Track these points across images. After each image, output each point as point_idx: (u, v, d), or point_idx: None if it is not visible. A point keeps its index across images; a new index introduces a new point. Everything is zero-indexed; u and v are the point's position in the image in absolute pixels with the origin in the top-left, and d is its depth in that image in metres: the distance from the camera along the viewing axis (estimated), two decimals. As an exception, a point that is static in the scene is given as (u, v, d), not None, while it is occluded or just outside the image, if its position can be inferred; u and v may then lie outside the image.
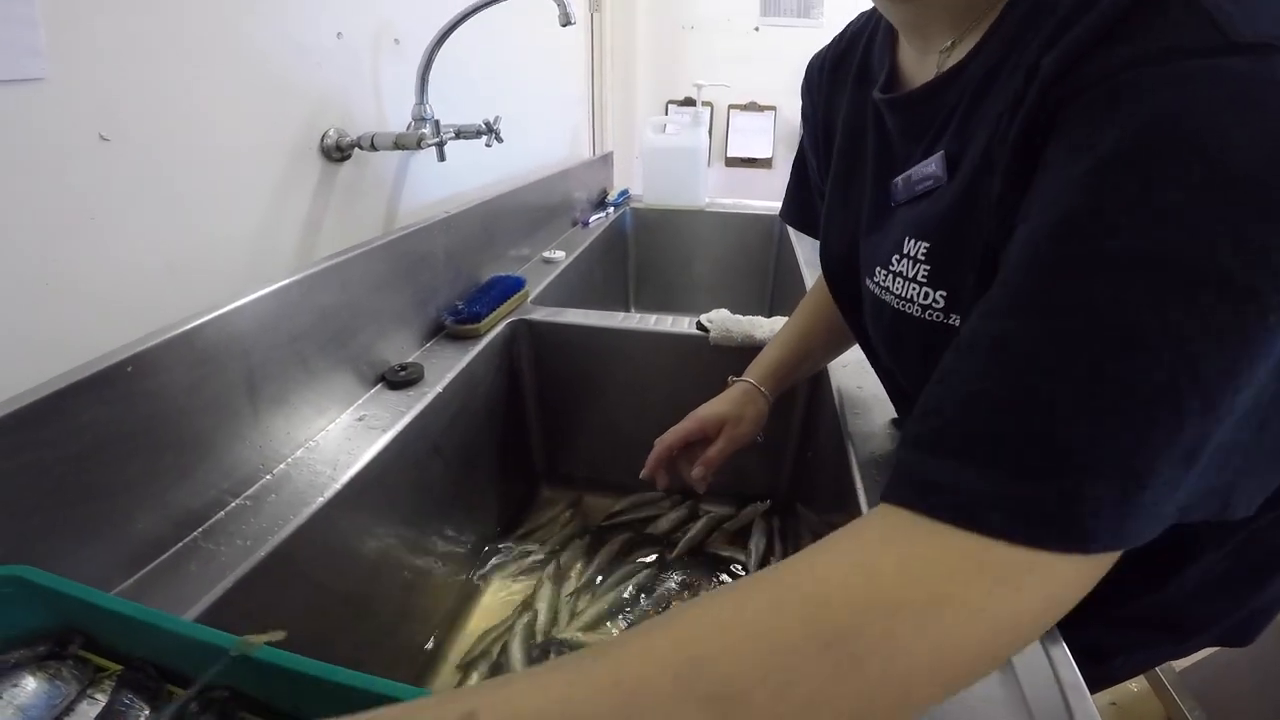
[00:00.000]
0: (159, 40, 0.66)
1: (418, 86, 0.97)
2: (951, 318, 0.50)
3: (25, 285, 0.56)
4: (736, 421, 0.83)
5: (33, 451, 0.50)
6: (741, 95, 3.43)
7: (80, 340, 0.59)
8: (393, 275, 0.94)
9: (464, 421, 0.98)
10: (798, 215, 0.85)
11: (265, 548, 0.62)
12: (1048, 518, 0.30)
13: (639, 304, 2.15)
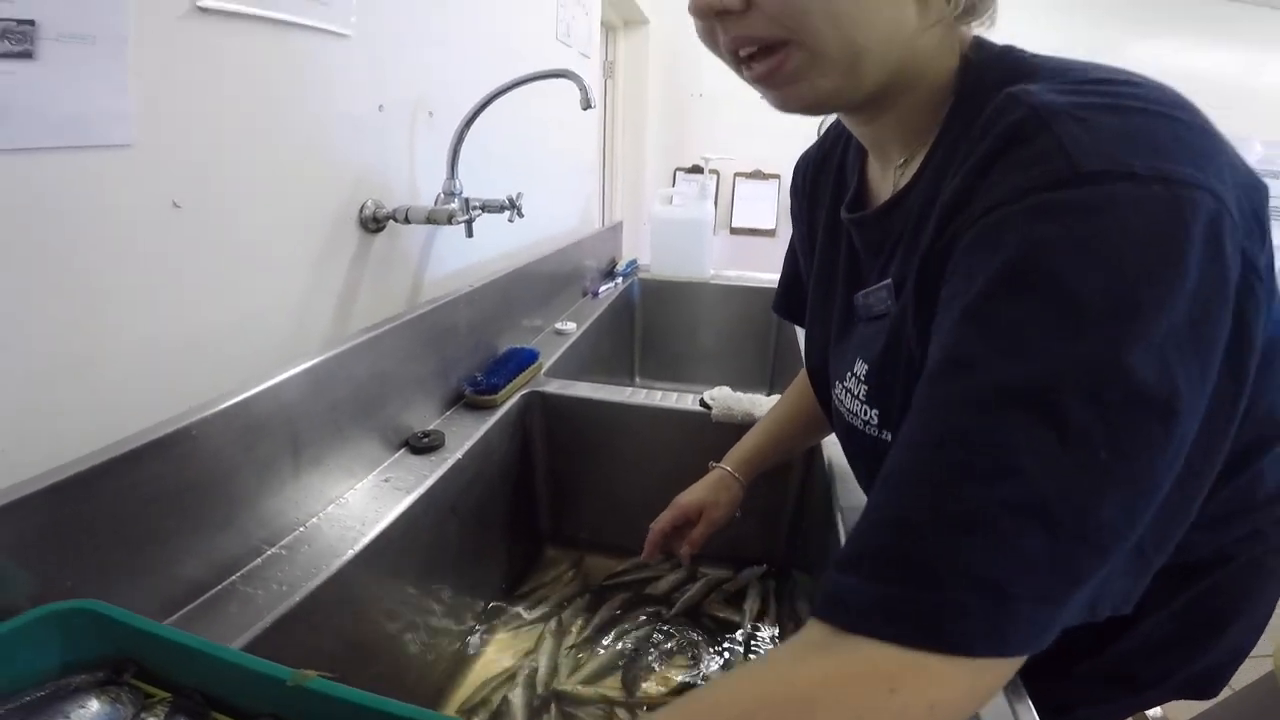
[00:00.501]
0: (231, 111, 0.73)
1: (449, 162, 1.05)
2: (884, 434, 0.56)
3: (91, 342, 0.61)
4: (714, 506, 0.94)
5: (100, 502, 0.56)
6: (747, 163, 3.57)
7: (136, 397, 0.65)
8: (419, 347, 1.02)
9: (479, 485, 1.05)
10: (789, 309, 0.92)
11: (300, 593, 0.69)
12: (924, 624, 0.34)
13: (644, 372, 2.23)
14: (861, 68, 0.50)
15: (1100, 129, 0.38)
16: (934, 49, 0.53)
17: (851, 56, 0.49)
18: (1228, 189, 0.37)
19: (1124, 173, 0.36)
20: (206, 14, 0.68)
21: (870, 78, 0.51)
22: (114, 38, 0.61)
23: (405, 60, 1.04)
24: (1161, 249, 0.35)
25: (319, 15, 0.84)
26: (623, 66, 3.25)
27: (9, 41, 0.54)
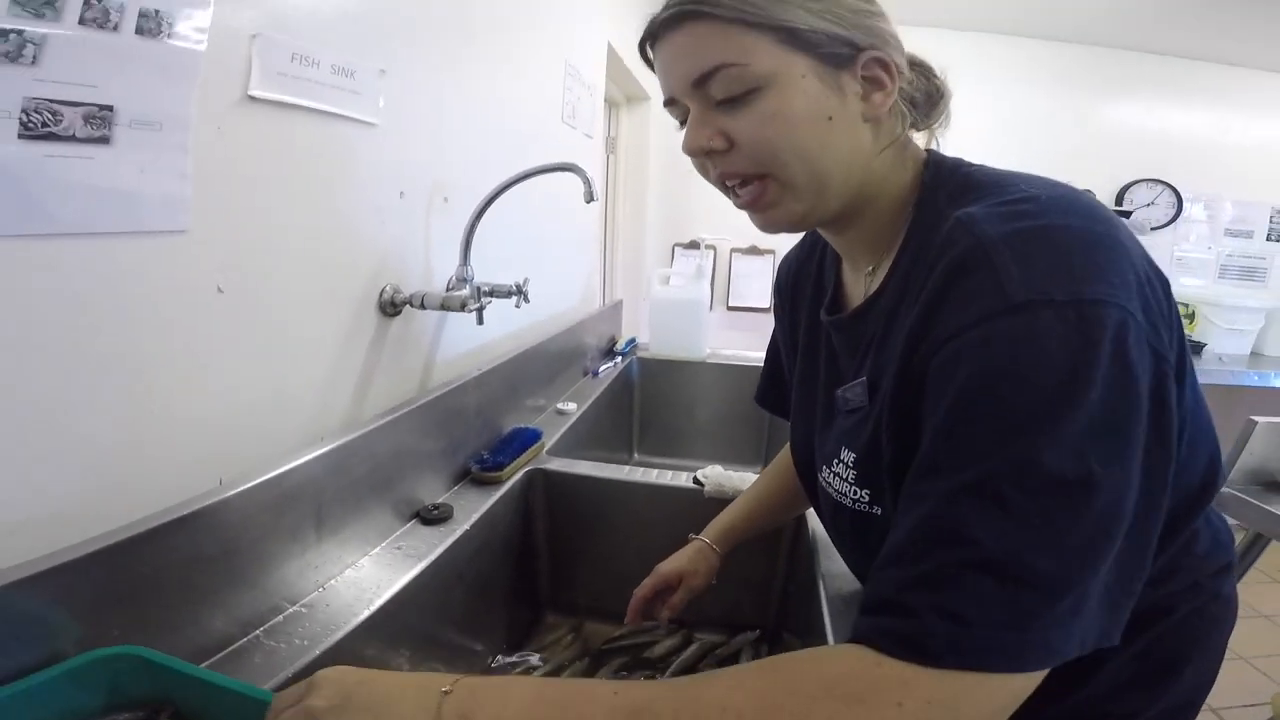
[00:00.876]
0: (271, 198, 0.81)
1: (462, 249, 1.15)
2: (875, 509, 0.65)
3: (142, 418, 0.67)
4: (693, 574, 1.01)
5: (145, 563, 0.63)
6: (743, 239, 3.71)
7: (181, 467, 0.72)
8: (432, 428, 1.10)
9: (484, 554, 1.12)
10: (771, 400, 1.03)
11: (320, 647, 0.75)
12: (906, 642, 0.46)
13: (642, 447, 2.30)
14: (828, 192, 0.62)
15: (1028, 259, 0.48)
16: (889, 168, 0.65)
17: (818, 184, 0.62)
18: (1132, 295, 0.48)
19: (1045, 301, 0.46)
20: (255, 103, 0.76)
21: (836, 199, 0.63)
22: (178, 124, 0.66)
23: (424, 147, 1.13)
24: (1073, 366, 0.45)
25: (352, 105, 0.92)
26: (624, 142, 3.37)
27: (91, 126, 0.59)
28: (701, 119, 0.62)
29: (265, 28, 0.76)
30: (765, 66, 0.58)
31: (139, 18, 0.61)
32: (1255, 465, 1.56)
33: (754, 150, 0.60)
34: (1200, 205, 3.65)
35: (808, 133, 0.59)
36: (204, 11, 0.67)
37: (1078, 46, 3.49)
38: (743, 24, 0.58)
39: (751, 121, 0.59)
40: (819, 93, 0.59)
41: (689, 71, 0.60)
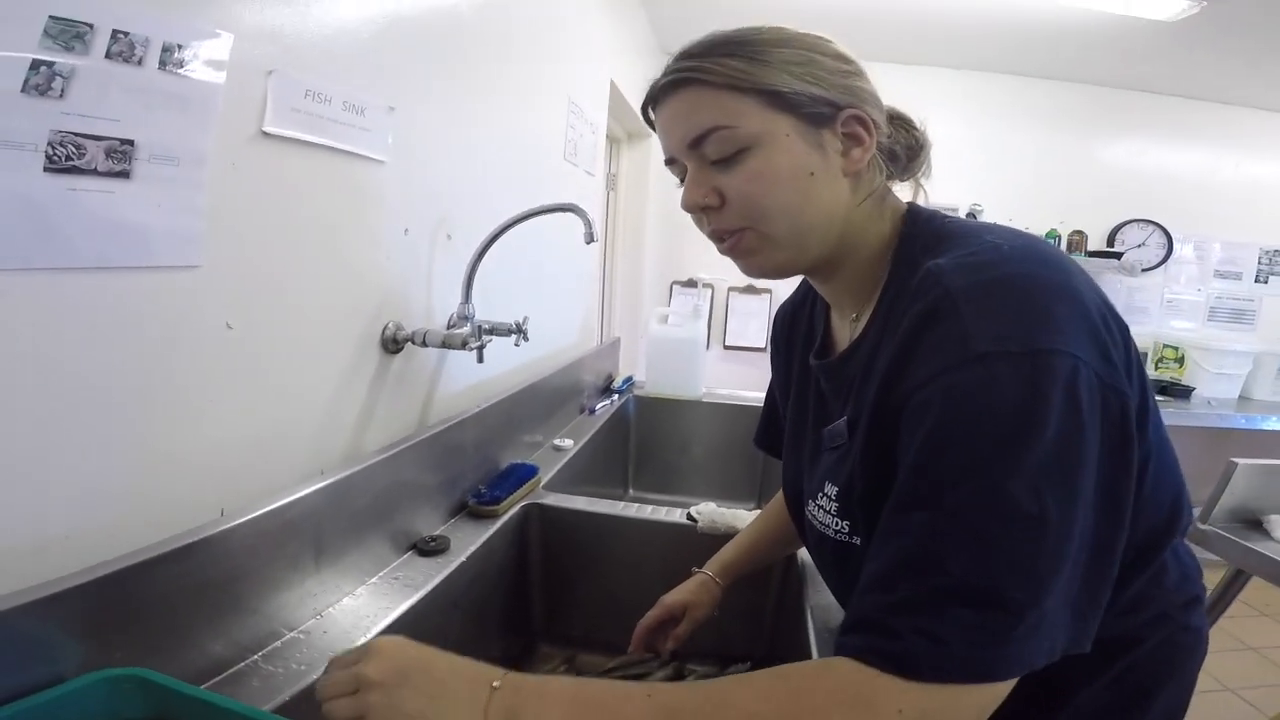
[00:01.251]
0: (281, 235, 0.83)
1: (464, 287, 1.17)
2: (854, 539, 0.68)
3: (142, 448, 0.68)
4: (696, 606, 1.04)
5: (151, 588, 0.64)
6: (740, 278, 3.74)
7: (177, 500, 0.72)
8: (430, 463, 1.12)
9: (479, 585, 1.12)
10: (768, 443, 1.06)
11: (317, 672, 0.75)
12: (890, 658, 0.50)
13: (638, 484, 2.30)
14: (808, 242, 0.68)
15: (989, 312, 0.53)
16: (868, 219, 0.70)
17: (799, 236, 0.67)
18: (1085, 342, 0.52)
19: (1002, 352, 0.51)
20: (269, 139, 0.78)
21: (817, 248, 0.69)
22: (195, 160, 0.68)
23: (429, 184, 1.16)
24: (1029, 411, 0.50)
25: (362, 142, 0.94)
26: (625, 179, 3.42)
27: (112, 160, 0.60)
28: (697, 177, 0.67)
29: (281, 63, 0.79)
30: (753, 128, 0.63)
31: (161, 51, 0.63)
32: (1236, 504, 1.61)
33: (741, 206, 0.66)
34: (1190, 246, 3.71)
35: (791, 188, 0.65)
36: (223, 46, 0.69)
37: (1070, 85, 3.57)
38: (732, 89, 0.64)
39: (740, 179, 0.65)
40: (801, 150, 0.64)
41: (685, 133, 0.66)
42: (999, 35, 2.98)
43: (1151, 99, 3.58)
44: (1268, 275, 3.76)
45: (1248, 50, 2.86)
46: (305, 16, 0.82)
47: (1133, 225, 3.66)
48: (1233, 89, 3.40)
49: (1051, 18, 2.72)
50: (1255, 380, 3.39)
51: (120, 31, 0.60)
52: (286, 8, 0.80)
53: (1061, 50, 3.13)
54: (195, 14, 0.67)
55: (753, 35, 0.66)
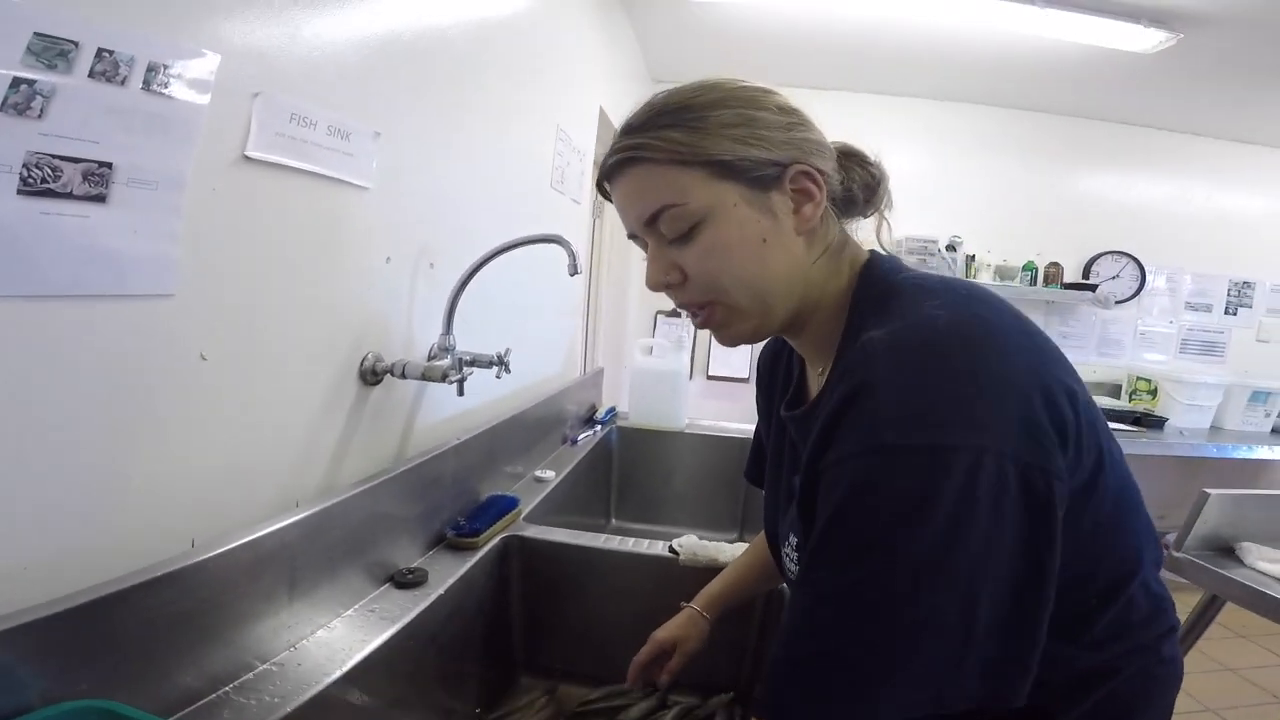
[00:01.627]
0: (259, 263, 0.81)
1: (445, 318, 1.15)
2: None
3: (112, 479, 0.67)
4: (686, 640, 1.05)
5: (119, 620, 0.62)
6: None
7: (147, 530, 0.70)
8: (408, 495, 1.10)
9: (459, 617, 1.10)
10: (756, 476, 1.05)
11: (292, 704, 0.74)
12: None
13: (620, 514, 2.28)
14: (772, 308, 0.69)
15: (903, 403, 0.55)
16: (826, 275, 0.71)
17: (761, 303, 0.68)
18: (997, 433, 0.53)
19: (905, 445, 0.53)
20: (251, 164, 0.77)
21: (782, 311, 0.70)
22: (174, 184, 0.66)
23: (413, 212, 1.15)
24: (918, 506, 0.52)
25: (346, 168, 0.93)
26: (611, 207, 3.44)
27: (89, 184, 0.58)
28: (657, 255, 0.69)
29: (268, 85, 0.78)
30: (701, 202, 0.64)
31: (147, 71, 0.62)
32: (1209, 532, 1.64)
33: (701, 281, 0.67)
34: (1163, 277, 3.78)
35: (745, 258, 0.66)
36: (209, 66, 0.68)
37: (1046, 116, 3.65)
38: (677, 164, 0.64)
39: (696, 255, 0.66)
40: (750, 218, 0.65)
41: (639, 213, 0.68)
42: (978, 66, 3.05)
43: (1124, 130, 3.66)
44: (1236, 307, 3.84)
45: (1219, 82, 2.95)
46: (294, 38, 0.82)
47: (1107, 257, 3.73)
48: (1203, 120, 3.49)
49: (1032, 50, 2.79)
50: (1226, 410, 3.46)
51: (105, 50, 0.58)
52: (276, 28, 0.79)
53: (1040, 82, 3.20)
54: (182, 33, 0.66)
55: (691, 99, 0.66)
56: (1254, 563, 1.56)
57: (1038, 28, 2.47)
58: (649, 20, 2.83)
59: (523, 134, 1.64)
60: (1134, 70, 2.86)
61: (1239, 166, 3.73)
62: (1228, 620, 1.76)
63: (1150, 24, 2.35)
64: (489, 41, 1.37)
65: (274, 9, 0.78)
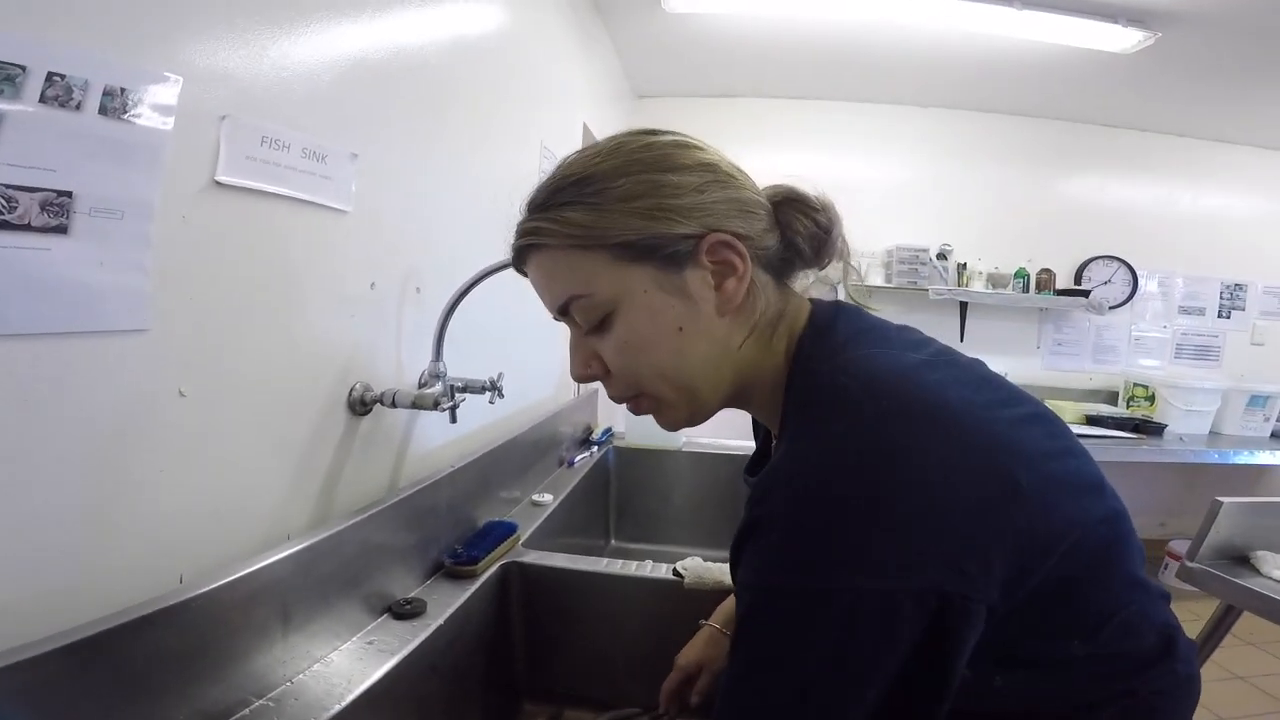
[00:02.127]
0: (236, 294, 0.78)
1: (435, 343, 1.12)
2: None
3: (91, 521, 0.64)
4: (712, 660, 1.01)
5: (109, 659, 0.60)
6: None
7: (135, 568, 0.68)
8: (403, 525, 1.06)
9: (459, 646, 1.07)
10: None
11: None
12: None
13: (619, 534, 2.24)
14: (699, 396, 0.65)
15: (791, 544, 0.54)
16: (759, 353, 0.66)
17: (686, 393, 0.65)
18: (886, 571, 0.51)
19: (782, 587, 0.53)
20: (222, 189, 0.74)
21: (712, 397, 0.66)
22: (141, 213, 0.63)
23: (396, 235, 1.12)
24: (790, 644, 0.53)
25: (323, 191, 0.89)
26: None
27: (48, 214, 0.55)
28: (578, 344, 0.66)
29: (235, 108, 0.75)
30: (608, 291, 0.60)
31: (103, 96, 0.59)
32: (1222, 542, 1.61)
33: (621, 375, 0.64)
34: (1155, 281, 3.79)
35: (661, 350, 0.61)
36: (171, 90, 0.66)
37: (1032, 120, 3.67)
38: (578, 249, 0.60)
39: (612, 348, 0.63)
40: (664, 305, 0.60)
41: (551, 302, 0.65)
42: (961, 71, 3.07)
43: (1109, 132, 3.69)
44: (1229, 310, 3.85)
45: (1199, 82, 2.97)
46: (261, 59, 0.79)
47: (1098, 261, 3.74)
48: (1185, 121, 3.52)
49: (1014, 53, 2.81)
50: (1225, 415, 3.46)
51: (56, 74, 0.56)
52: (241, 49, 0.76)
53: (1024, 85, 3.22)
54: (141, 55, 0.64)
55: (592, 169, 0.61)
56: (1271, 571, 1.54)
57: (1017, 29, 2.49)
58: (627, 33, 2.84)
59: (507, 151, 1.62)
60: (1115, 71, 2.88)
61: (1223, 167, 3.75)
62: (1236, 628, 1.74)
63: (1128, 23, 2.37)
64: (466, 59, 1.36)
65: (236, 30, 0.76)
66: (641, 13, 2.63)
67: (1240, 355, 3.86)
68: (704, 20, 2.68)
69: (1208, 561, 1.61)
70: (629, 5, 2.59)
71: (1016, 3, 2.30)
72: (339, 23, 0.94)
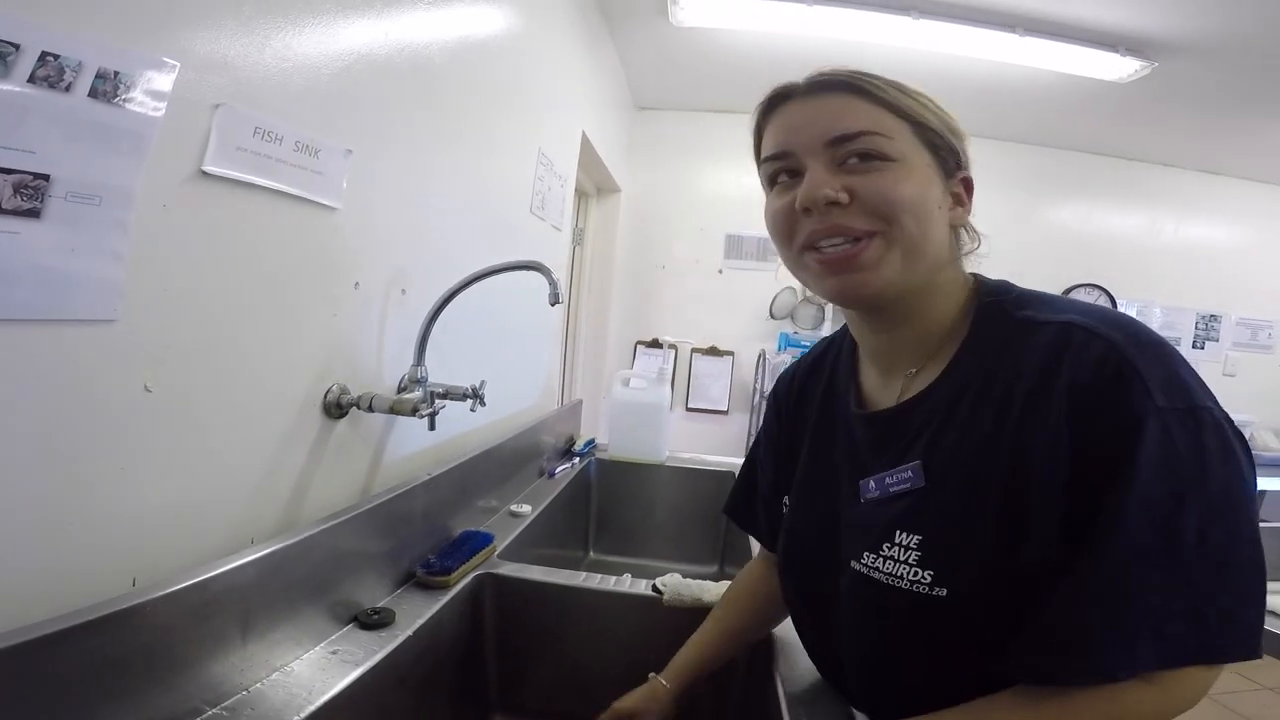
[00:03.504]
0: (217, 288, 0.76)
1: (417, 348, 1.10)
2: (936, 590, 0.64)
3: (62, 511, 0.62)
4: (645, 714, 0.96)
5: (57, 663, 0.57)
6: (703, 340, 3.74)
7: (88, 570, 0.66)
8: (375, 532, 1.04)
9: (429, 658, 1.04)
10: (741, 514, 1.03)
11: None
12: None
13: (599, 547, 2.22)
14: (918, 266, 0.68)
15: (1152, 369, 0.58)
16: (952, 279, 0.73)
17: (917, 253, 0.67)
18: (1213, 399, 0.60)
19: (1212, 409, 0.59)
20: (208, 179, 0.72)
21: (918, 278, 0.69)
22: (120, 200, 0.61)
23: (385, 234, 1.10)
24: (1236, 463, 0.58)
25: (314, 187, 0.87)
26: (592, 234, 3.41)
27: (20, 197, 0.53)
28: (825, 174, 0.66)
29: (230, 98, 0.73)
30: (902, 148, 0.66)
31: (95, 78, 0.57)
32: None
33: (876, 206, 0.65)
34: (1134, 310, 3.83)
35: (923, 207, 0.66)
36: (167, 76, 0.64)
37: (1022, 146, 3.71)
38: (892, 109, 0.67)
39: (880, 183, 0.65)
40: (934, 183, 0.68)
41: (831, 129, 0.67)
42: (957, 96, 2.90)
43: (1098, 160, 3.73)
44: (1204, 341, 3.90)
45: (1190, 112, 3.01)
46: (263, 49, 0.78)
47: (1080, 289, 3.78)
48: (1174, 150, 3.57)
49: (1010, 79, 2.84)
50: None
51: (50, 54, 0.54)
52: (244, 38, 0.75)
53: (1018, 112, 3.26)
54: (140, 39, 0.62)
55: (903, 83, 0.70)
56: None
57: (1017, 56, 2.51)
58: (633, 45, 2.84)
59: (503, 157, 1.61)
60: (1108, 100, 2.91)
61: (1206, 197, 3.80)
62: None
63: (1126, 52, 2.40)
64: (470, 61, 1.34)
65: (242, 18, 0.74)
66: (649, 25, 2.63)
67: (1213, 386, 3.83)
68: (710, 35, 2.68)
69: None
70: (637, 17, 2.59)
71: (1019, 29, 2.32)
72: (346, 17, 0.92)
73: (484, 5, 1.40)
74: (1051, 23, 2.34)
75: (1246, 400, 3.81)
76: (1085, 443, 0.58)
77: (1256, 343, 3.93)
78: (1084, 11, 2.26)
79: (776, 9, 2.36)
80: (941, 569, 0.64)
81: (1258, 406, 3.79)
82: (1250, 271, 3.87)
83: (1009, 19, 2.33)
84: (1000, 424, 0.63)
